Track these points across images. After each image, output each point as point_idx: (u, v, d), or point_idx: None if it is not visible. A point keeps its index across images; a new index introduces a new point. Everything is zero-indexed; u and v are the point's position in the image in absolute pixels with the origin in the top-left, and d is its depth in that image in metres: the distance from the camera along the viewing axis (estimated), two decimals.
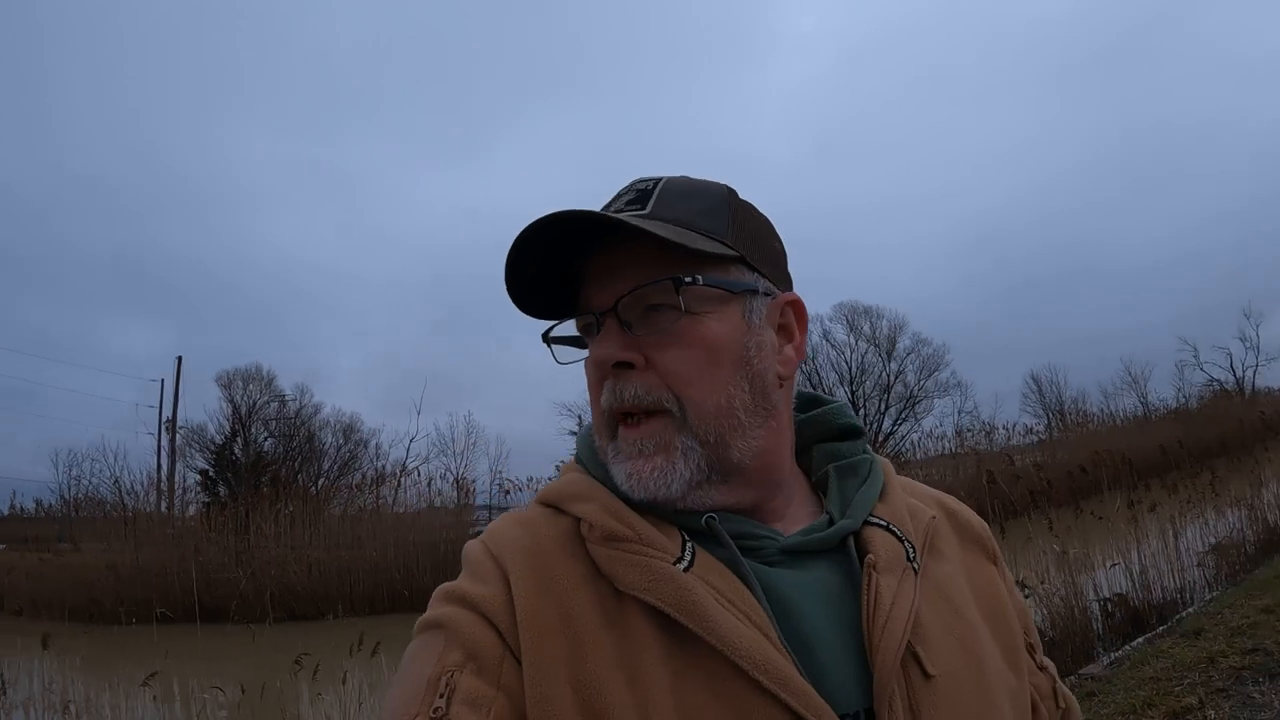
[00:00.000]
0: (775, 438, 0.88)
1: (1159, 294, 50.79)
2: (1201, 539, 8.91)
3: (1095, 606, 7.01)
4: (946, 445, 25.84)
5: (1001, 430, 26.38)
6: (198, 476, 26.92)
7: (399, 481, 23.17)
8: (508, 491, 25.62)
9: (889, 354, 32.31)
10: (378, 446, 29.25)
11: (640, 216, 0.83)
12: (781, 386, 0.89)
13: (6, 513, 26.72)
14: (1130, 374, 32.52)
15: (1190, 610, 6.96)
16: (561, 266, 0.87)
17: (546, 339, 0.91)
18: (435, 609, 0.81)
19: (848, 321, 32.82)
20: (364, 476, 26.01)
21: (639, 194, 0.87)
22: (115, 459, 27.45)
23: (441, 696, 0.71)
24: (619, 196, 0.88)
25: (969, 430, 26.46)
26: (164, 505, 23.06)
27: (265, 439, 29.24)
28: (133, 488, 22.25)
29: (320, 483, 27.82)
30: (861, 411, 31.66)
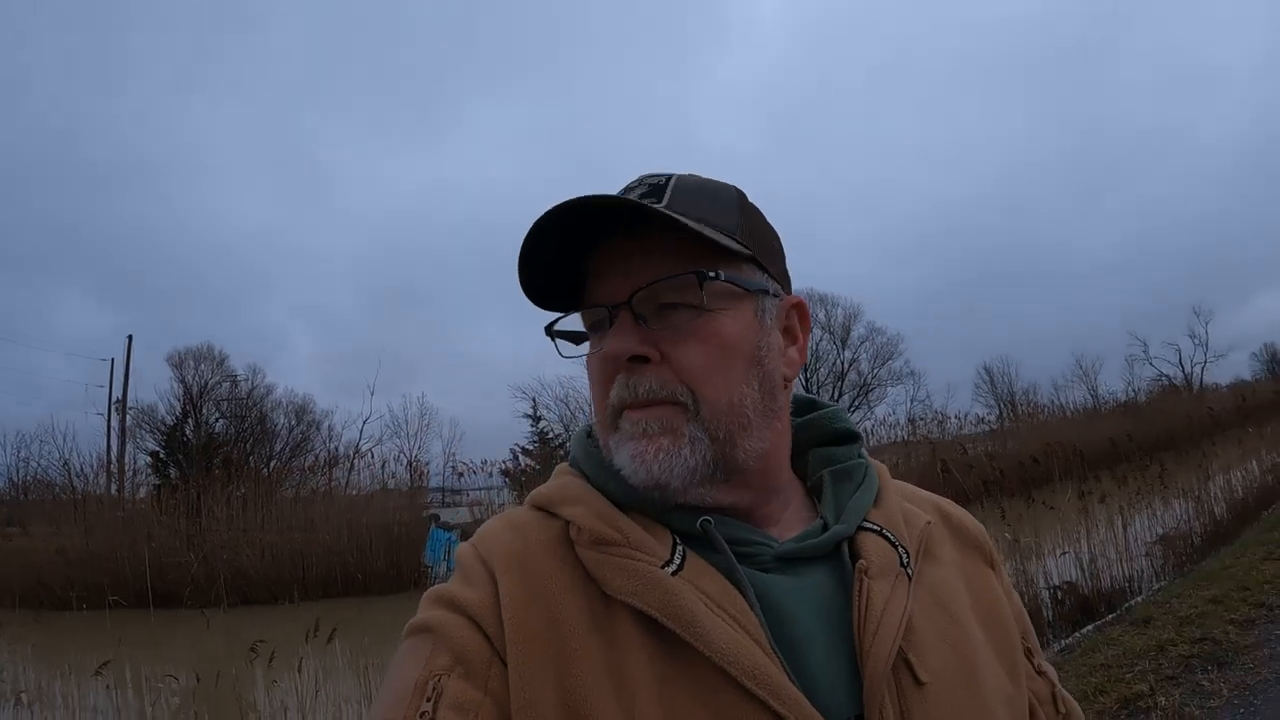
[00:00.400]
0: (778, 440, 0.88)
1: (1112, 290, 52.03)
2: (1149, 530, 9.15)
3: (1046, 594, 7.15)
4: (899, 433, 26.18)
5: (954, 419, 26.87)
6: (148, 458, 26.52)
7: (352, 464, 23.03)
8: (461, 474, 25.61)
9: (843, 341, 32.83)
10: (330, 428, 29.20)
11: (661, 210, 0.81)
12: (786, 388, 0.89)
13: None
14: (1081, 367, 33.34)
15: (1139, 599, 7.16)
16: (574, 255, 0.85)
17: (550, 332, 0.89)
18: (424, 612, 0.80)
19: None
20: (316, 458, 25.83)
21: (652, 188, 0.84)
22: (64, 440, 27.10)
23: (429, 700, 0.71)
24: (629, 190, 0.86)
25: (922, 419, 26.86)
26: (114, 488, 22.65)
27: (217, 420, 28.97)
28: (82, 470, 21.70)
29: (273, 465, 27.50)
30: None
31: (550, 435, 25.89)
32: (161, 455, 26.39)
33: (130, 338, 28.91)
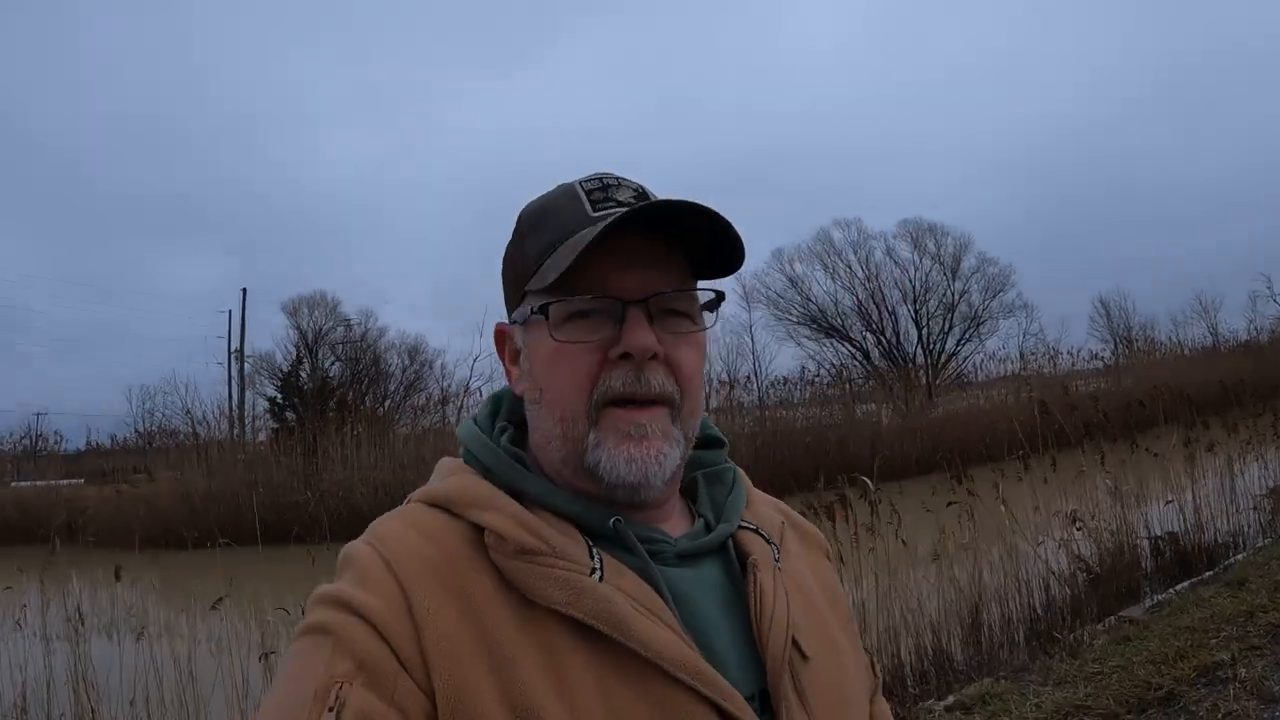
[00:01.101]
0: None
1: (1237, 223, 48.73)
2: (1260, 482, 8.69)
3: (1145, 545, 6.92)
4: (1010, 368, 25.48)
5: (1066, 355, 25.96)
6: (266, 404, 27.80)
7: (462, 401, 23.60)
8: None
9: (954, 273, 31.66)
10: (443, 367, 29.65)
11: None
12: None
13: (84, 448, 28.07)
14: (1200, 303, 31.50)
15: (1239, 557, 6.84)
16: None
17: (545, 310, 0.86)
18: (318, 613, 0.77)
19: (912, 239, 32.23)
20: (429, 398, 26.60)
21: (638, 194, 0.90)
22: (186, 391, 28.51)
23: (331, 710, 0.68)
24: (621, 185, 0.90)
25: (1033, 354, 26.02)
26: (235, 433, 23.89)
27: (332, 364, 30.00)
28: (204, 417, 22.99)
29: (386, 405, 28.49)
30: (925, 330, 31.27)
31: None
32: (278, 400, 27.58)
33: (245, 290, 30.21)
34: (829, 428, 20.58)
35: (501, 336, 0.96)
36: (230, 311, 30.38)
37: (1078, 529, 6.45)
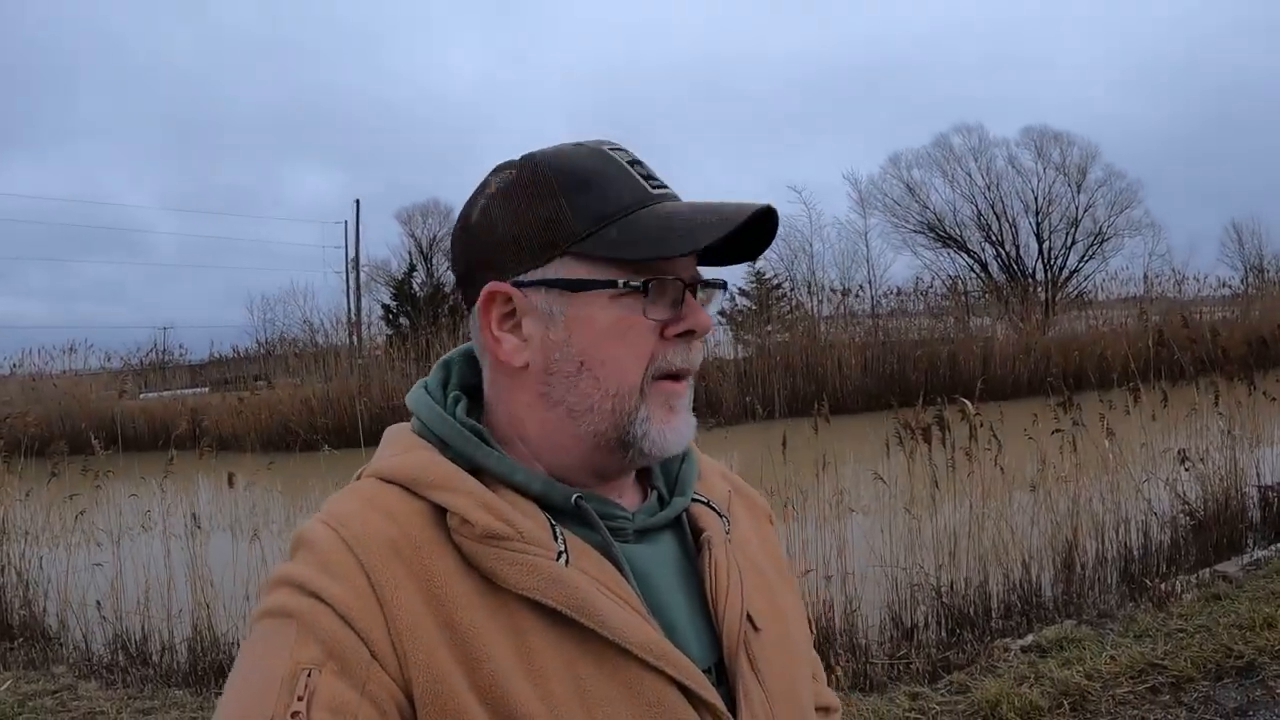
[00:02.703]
0: None
1: None
2: None
3: (1255, 494, 6.56)
4: (1133, 289, 24.23)
5: (1193, 280, 24.49)
6: (381, 311, 28.66)
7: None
8: None
9: (1078, 185, 29.76)
10: None
11: None
12: None
13: (207, 359, 29.55)
14: None
15: None
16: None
17: (646, 286, 0.82)
18: (279, 597, 0.73)
19: (1035, 148, 30.22)
20: None
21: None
22: (305, 301, 29.60)
23: (300, 699, 0.66)
24: (650, 173, 0.87)
25: (1158, 277, 24.63)
26: (351, 340, 24.74)
27: (447, 270, 30.31)
28: (322, 325, 23.99)
29: None
30: (1046, 244, 29.88)
31: (767, 276, 25.71)
32: (392, 307, 28.35)
33: (357, 201, 30.86)
34: (940, 341, 20.04)
35: (493, 298, 0.84)
36: (346, 222, 31.11)
37: (1185, 469, 6.11)
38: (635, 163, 0.86)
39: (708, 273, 0.90)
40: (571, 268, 0.82)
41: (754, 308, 23.30)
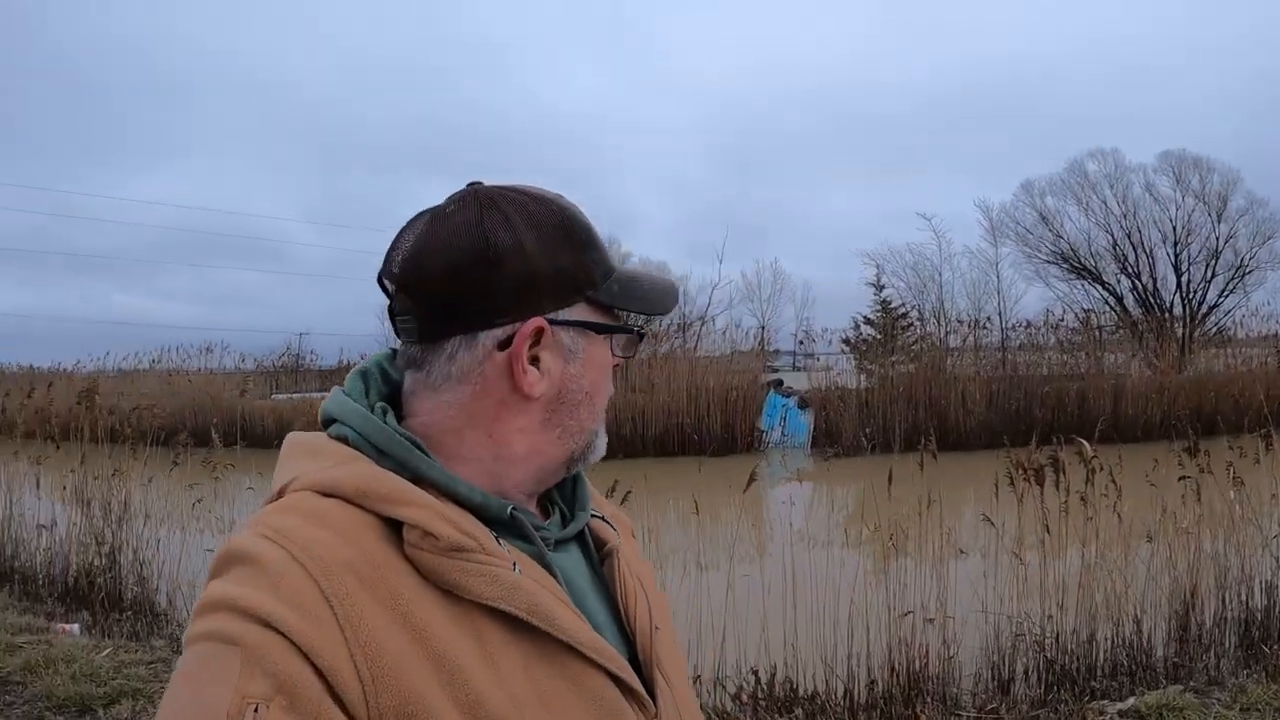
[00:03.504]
0: None
1: None
2: None
3: None
4: (1275, 325, 22.63)
5: None
6: None
7: (699, 329, 23.96)
8: (801, 341, 25.85)
9: (1219, 214, 27.82)
10: (685, 293, 30.01)
11: None
12: None
13: (337, 365, 30.91)
14: None
15: None
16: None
17: (638, 331, 0.99)
18: (217, 621, 0.69)
19: (1174, 174, 28.41)
20: (669, 323, 27.18)
21: None
22: None
23: None
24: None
25: None
26: None
27: None
28: None
29: None
30: (1185, 277, 28.11)
31: (893, 305, 25.15)
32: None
33: None
34: (1070, 378, 19.20)
35: (537, 333, 0.87)
36: None
37: None
38: None
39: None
40: (588, 312, 0.92)
41: (878, 337, 22.82)
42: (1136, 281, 28.81)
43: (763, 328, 26.94)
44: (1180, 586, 5.16)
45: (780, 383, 21.44)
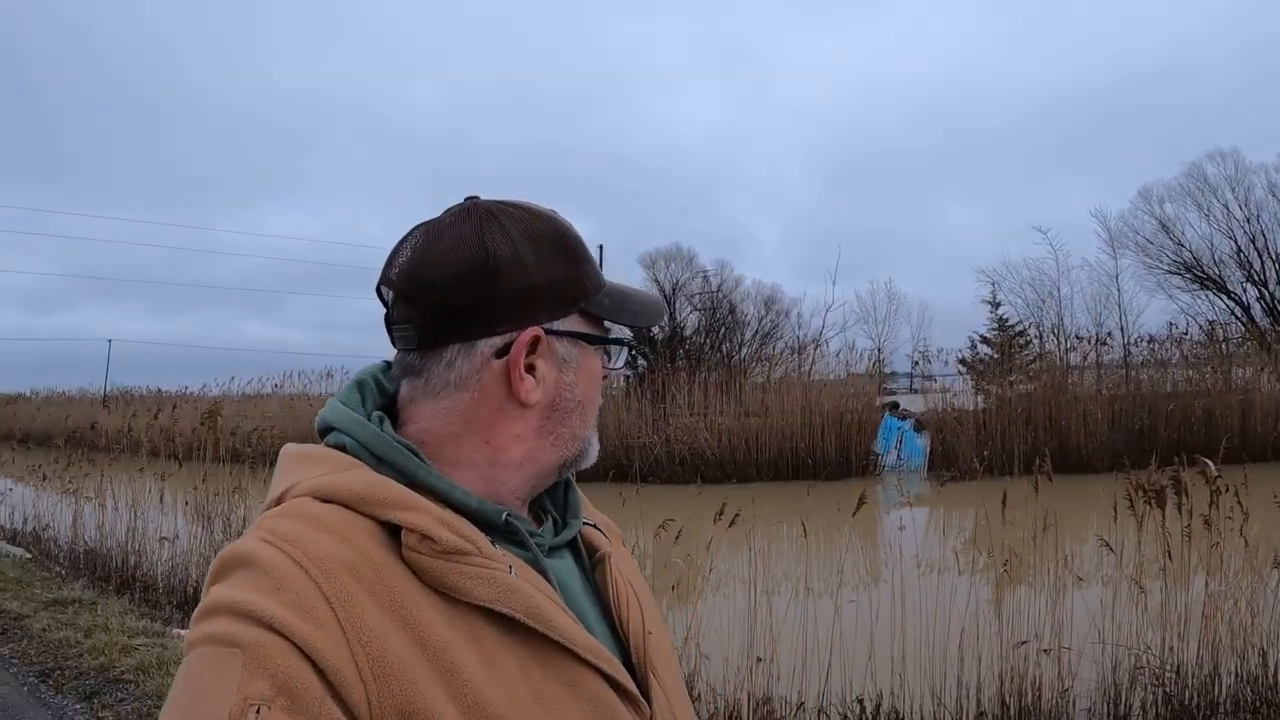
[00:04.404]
0: None
1: None
2: None
3: None
4: None
5: None
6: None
7: (813, 351, 23.77)
8: (916, 362, 25.33)
9: None
10: (799, 316, 29.81)
11: None
12: None
13: None
14: None
15: None
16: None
17: (628, 344, 1.05)
18: (219, 624, 0.70)
19: None
20: (783, 346, 27.01)
21: None
22: None
23: None
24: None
25: None
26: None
27: (690, 313, 31.02)
28: None
29: (743, 353, 29.25)
30: None
31: (1010, 322, 24.43)
32: (632, 349, 28.89)
33: (601, 247, 32.05)
34: (1195, 395, 18.16)
35: (534, 342, 0.91)
36: None
37: None
38: None
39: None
40: (582, 323, 0.96)
41: (996, 356, 22.15)
42: (1263, 289, 27.06)
43: (878, 349, 26.40)
44: None
45: (896, 405, 21.02)
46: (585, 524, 1.04)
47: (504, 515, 0.87)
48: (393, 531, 0.79)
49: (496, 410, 0.91)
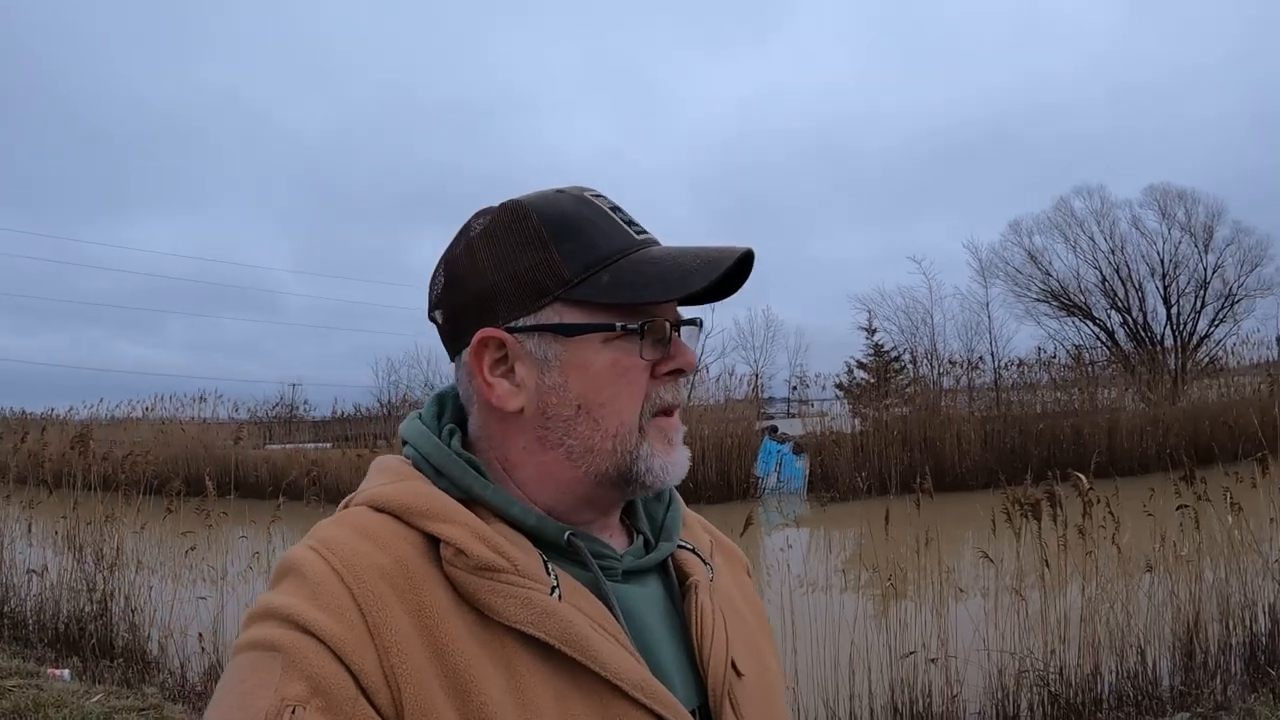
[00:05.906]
0: None
1: None
2: None
3: None
4: (1266, 353, 22.73)
5: None
6: None
7: (692, 378, 24.00)
8: (794, 387, 25.88)
9: (1206, 245, 27.76)
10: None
11: None
12: None
13: (330, 416, 31.01)
14: None
15: None
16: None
17: (684, 321, 0.90)
18: (262, 629, 0.72)
19: (1159, 207, 28.42)
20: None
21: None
22: (428, 364, 30.81)
23: None
24: (634, 222, 0.89)
25: None
26: None
27: None
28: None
29: None
30: (1174, 309, 28.18)
31: (886, 348, 25.23)
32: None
33: None
34: (1064, 415, 19.17)
35: (486, 343, 0.85)
36: None
37: None
38: (616, 209, 0.88)
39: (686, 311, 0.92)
40: (564, 313, 0.84)
41: (872, 380, 22.78)
42: (1127, 316, 28.91)
43: (756, 375, 26.85)
44: (1183, 615, 5.13)
45: (775, 429, 21.38)
46: (682, 546, 0.96)
47: (566, 534, 0.84)
48: (437, 544, 0.78)
49: (500, 424, 0.88)
